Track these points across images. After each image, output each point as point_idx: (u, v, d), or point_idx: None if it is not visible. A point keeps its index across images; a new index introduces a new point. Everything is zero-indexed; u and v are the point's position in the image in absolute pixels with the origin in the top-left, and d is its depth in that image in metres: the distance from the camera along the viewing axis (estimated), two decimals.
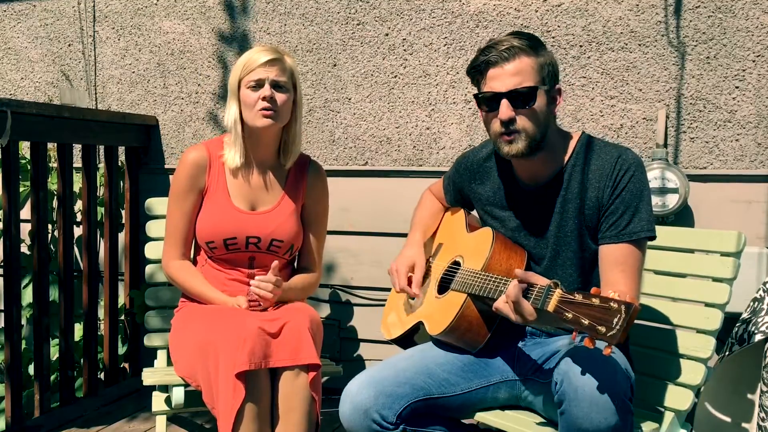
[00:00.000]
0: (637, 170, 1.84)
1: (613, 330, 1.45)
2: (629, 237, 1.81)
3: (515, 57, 1.81)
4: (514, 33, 1.88)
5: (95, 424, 2.87)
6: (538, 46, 1.86)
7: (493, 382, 1.96)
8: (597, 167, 1.87)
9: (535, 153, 1.86)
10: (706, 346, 1.97)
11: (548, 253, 1.93)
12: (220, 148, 2.39)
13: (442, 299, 2.01)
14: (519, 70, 1.81)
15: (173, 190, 2.39)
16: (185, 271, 2.38)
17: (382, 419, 1.82)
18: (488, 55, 1.83)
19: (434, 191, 2.33)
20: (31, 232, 2.81)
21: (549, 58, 1.87)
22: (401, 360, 1.97)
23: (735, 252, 1.99)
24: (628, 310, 1.45)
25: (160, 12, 3.41)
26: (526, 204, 1.97)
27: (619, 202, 1.82)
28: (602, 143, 1.92)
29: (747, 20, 2.62)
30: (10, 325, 2.65)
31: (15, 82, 3.70)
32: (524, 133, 1.83)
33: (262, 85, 2.26)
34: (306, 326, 2.11)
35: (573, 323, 1.51)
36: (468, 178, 2.12)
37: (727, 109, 2.66)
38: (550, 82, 1.86)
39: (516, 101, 1.81)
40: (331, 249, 3.17)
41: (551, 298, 1.58)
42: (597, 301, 1.50)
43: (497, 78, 1.82)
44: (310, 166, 2.47)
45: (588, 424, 1.61)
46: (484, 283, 1.84)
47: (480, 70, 1.86)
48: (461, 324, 1.91)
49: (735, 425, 2.40)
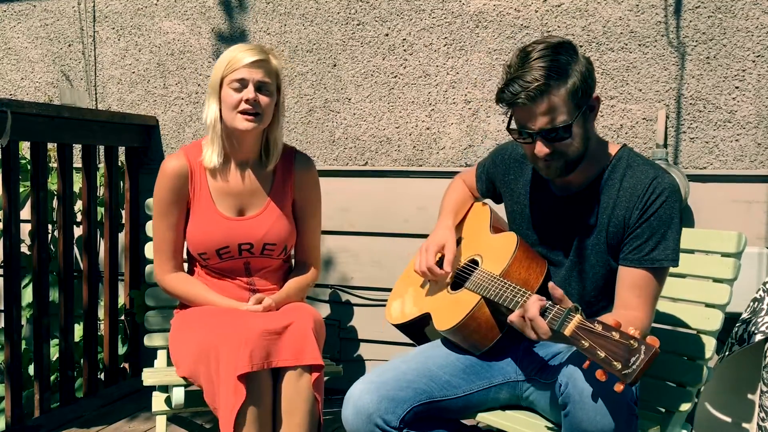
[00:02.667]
0: (671, 196, 1.76)
1: (629, 369, 1.42)
2: (651, 264, 1.76)
3: (543, 96, 1.68)
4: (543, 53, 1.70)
5: (95, 424, 2.87)
6: (568, 67, 1.71)
7: (495, 383, 1.96)
8: (630, 185, 1.80)
9: (573, 172, 1.81)
10: (706, 347, 1.97)
11: (567, 263, 1.91)
12: (199, 154, 2.30)
13: (454, 296, 1.99)
14: (550, 108, 1.69)
15: (156, 205, 2.31)
16: (184, 282, 2.35)
17: (386, 424, 1.81)
18: (516, 94, 1.69)
19: (466, 179, 2.26)
20: (31, 232, 2.81)
21: (579, 75, 1.72)
22: (402, 363, 1.96)
23: (735, 252, 1.99)
24: (648, 351, 1.42)
25: (160, 12, 3.41)
26: (555, 209, 1.93)
27: (646, 227, 1.76)
28: (641, 160, 1.84)
29: (747, 20, 2.62)
30: (10, 325, 2.65)
31: (15, 82, 3.70)
32: (563, 159, 1.77)
33: (245, 85, 2.19)
34: (310, 326, 2.11)
35: (588, 353, 1.49)
36: (503, 170, 2.08)
37: (727, 109, 2.66)
38: (585, 101, 1.75)
39: (550, 138, 1.73)
40: (331, 249, 3.17)
41: (569, 322, 1.56)
42: (617, 335, 1.46)
43: (527, 118, 1.73)
44: (296, 160, 2.38)
45: (592, 427, 1.61)
46: (501, 289, 1.82)
47: (508, 104, 1.75)
48: (470, 324, 1.90)
49: (735, 425, 2.40)
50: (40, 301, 2.78)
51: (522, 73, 1.69)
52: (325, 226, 3.13)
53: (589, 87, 1.75)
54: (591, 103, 1.78)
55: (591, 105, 1.78)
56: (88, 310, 3.06)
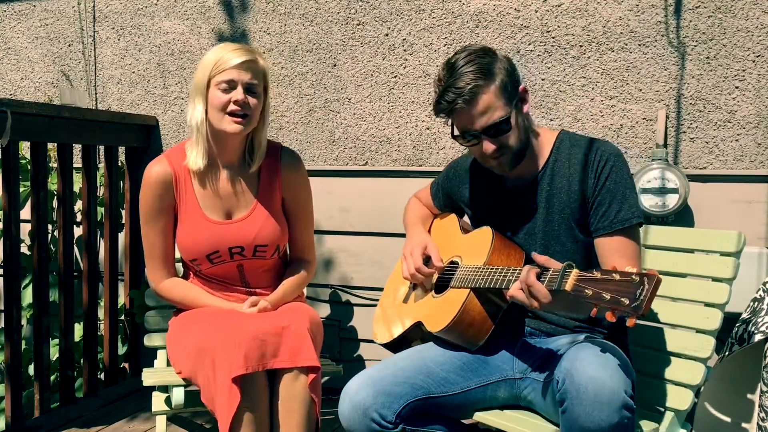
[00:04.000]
0: (617, 160, 1.89)
1: (636, 301, 1.46)
2: (621, 225, 1.85)
3: (477, 96, 1.82)
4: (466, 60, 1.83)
5: (95, 424, 2.87)
6: (492, 67, 1.84)
7: (493, 380, 1.96)
8: (578, 160, 1.92)
9: (522, 160, 1.92)
10: (705, 346, 1.97)
11: (538, 249, 1.95)
12: (182, 158, 2.27)
13: (441, 298, 2.01)
14: (486, 107, 1.83)
15: (143, 213, 2.29)
16: (180, 287, 2.34)
17: (381, 418, 1.83)
18: (451, 102, 1.82)
19: (421, 198, 2.36)
20: (31, 232, 2.81)
21: (503, 72, 1.86)
22: (400, 359, 1.97)
23: (735, 252, 1.99)
24: (651, 280, 1.47)
25: (160, 12, 3.41)
26: (513, 202, 2.01)
27: (605, 192, 1.87)
28: (578, 137, 1.97)
29: (747, 20, 2.62)
30: (10, 325, 2.65)
31: (15, 82, 3.70)
32: (509, 150, 1.88)
33: (234, 87, 2.15)
34: (306, 327, 2.10)
35: (593, 299, 1.52)
36: (458, 183, 2.18)
37: (727, 109, 2.66)
38: (514, 94, 1.88)
39: (493, 134, 1.85)
40: (331, 249, 3.17)
41: (568, 278, 1.60)
42: (617, 276, 1.51)
43: (468, 121, 1.85)
44: (283, 157, 2.34)
45: (590, 422, 1.61)
46: (490, 275, 1.86)
47: (447, 114, 1.88)
48: (464, 319, 1.91)
49: (735, 425, 2.40)
50: (40, 301, 2.78)
51: (453, 81, 1.83)
52: (325, 226, 3.14)
53: (516, 81, 1.89)
54: (520, 95, 1.91)
55: (521, 97, 1.91)
56: (88, 310, 3.06)
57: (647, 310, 1.46)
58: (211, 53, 2.20)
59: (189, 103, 2.25)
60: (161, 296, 2.38)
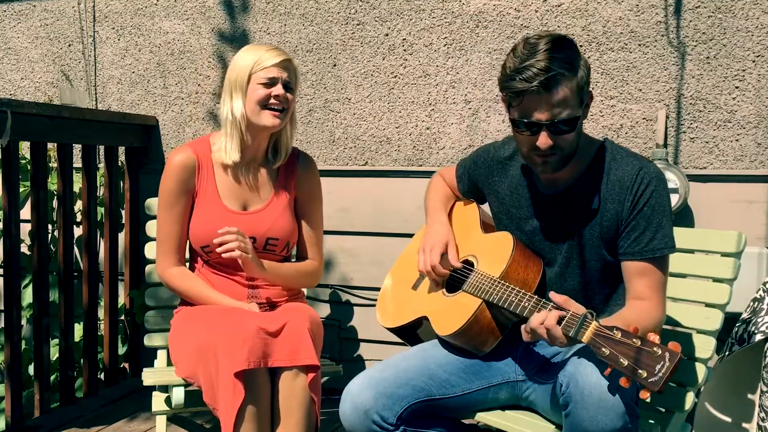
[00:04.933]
0: (659, 185, 1.80)
1: (655, 377, 1.41)
2: (652, 254, 1.78)
3: (558, 86, 1.68)
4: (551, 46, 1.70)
5: (95, 424, 2.87)
6: (577, 60, 1.73)
7: (494, 383, 1.96)
8: (617, 178, 1.82)
9: (567, 165, 1.83)
10: (706, 346, 1.97)
11: (561, 259, 1.91)
12: (207, 149, 2.35)
13: (452, 299, 1.98)
14: (561, 100, 1.70)
15: (163, 196, 2.33)
16: (185, 277, 2.36)
17: (383, 420, 1.82)
18: (529, 82, 1.67)
19: (446, 177, 2.27)
20: (31, 232, 2.81)
21: (584, 70, 1.75)
22: (402, 360, 1.96)
23: (735, 252, 1.99)
24: (673, 358, 1.42)
25: (160, 12, 3.41)
26: (545, 208, 1.94)
27: (641, 218, 1.79)
28: (624, 152, 1.86)
29: (747, 20, 2.62)
30: (10, 325, 2.65)
31: (15, 82, 3.70)
32: (560, 153, 1.77)
33: (275, 83, 2.25)
34: (306, 326, 2.10)
35: (609, 360, 1.49)
36: (486, 172, 2.08)
37: (727, 109, 2.66)
38: (586, 96, 1.78)
39: (556, 130, 1.73)
40: (331, 249, 3.17)
41: (586, 329, 1.56)
42: (638, 342, 1.46)
43: (537, 108, 1.70)
44: (299, 159, 2.44)
45: (594, 426, 1.61)
46: (505, 293, 1.82)
47: (517, 94, 1.72)
48: (473, 328, 1.89)
49: (735, 425, 2.40)
50: (40, 301, 2.78)
51: (535, 61, 1.68)
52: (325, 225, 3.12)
53: (589, 83, 1.79)
54: (587, 101, 1.80)
55: (587, 103, 1.81)
56: (88, 310, 3.06)
57: (663, 389, 1.41)
58: (246, 53, 2.29)
59: (223, 99, 2.32)
60: (165, 282, 2.39)
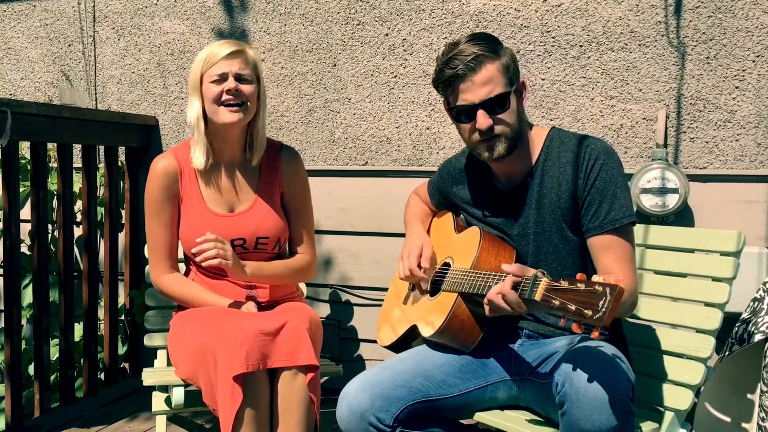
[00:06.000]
0: (608, 158, 1.86)
1: (599, 312, 1.45)
2: (612, 225, 1.83)
3: (482, 66, 1.83)
4: (472, 38, 1.87)
5: (95, 424, 2.87)
6: (498, 47, 1.88)
7: (491, 382, 1.96)
8: (567, 160, 1.90)
9: (513, 152, 1.90)
10: (705, 346, 1.97)
11: (530, 249, 1.95)
12: (188, 153, 2.33)
13: (434, 301, 2.02)
14: (488, 79, 1.83)
15: (149, 205, 2.32)
16: (180, 283, 2.35)
17: (379, 422, 1.82)
18: (455, 68, 1.83)
19: (420, 195, 2.36)
20: (31, 232, 2.81)
21: (509, 56, 1.89)
22: (398, 362, 1.96)
23: (735, 252, 1.99)
24: (613, 291, 1.45)
25: (160, 12, 3.41)
26: (505, 203, 2.01)
27: (595, 192, 1.85)
28: (568, 135, 1.95)
29: (747, 20, 2.62)
30: (10, 325, 2.65)
31: (15, 82, 3.70)
32: (503, 136, 1.88)
33: (225, 78, 2.21)
34: (305, 327, 2.10)
35: (560, 310, 1.52)
36: (450, 182, 2.18)
37: (727, 109, 2.66)
38: (516, 80, 1.89)
39: (490, 109, 1.84)
40: (331, 249, 3.17)
41: (538, 287, 1.59)
42: (582, 286, 1.50)
43: (468, 90, 1.84)
44: (283, 153, 2.40)
45: (590, 425, 1.61)
46: (474, 280, 1.85)
47: (448, 83, 1.87)
48: (453, 323, 1.91)
49: (735, 425, 2.40)
50: (40, 301, 2.78)
51: (458, 50, 1.85)
52: (325, 226, 3.14)
53: (517, 70, 1.91)
54: (519, 87, 1.91)
55: (519, 89, 1.91)
56: (88, 310, 3.06)
57: (609, 322, 1.44)
58: (202, 52, 2.27)
59: (187, 104, 2.30)
60: (161, 291, 2.38)
